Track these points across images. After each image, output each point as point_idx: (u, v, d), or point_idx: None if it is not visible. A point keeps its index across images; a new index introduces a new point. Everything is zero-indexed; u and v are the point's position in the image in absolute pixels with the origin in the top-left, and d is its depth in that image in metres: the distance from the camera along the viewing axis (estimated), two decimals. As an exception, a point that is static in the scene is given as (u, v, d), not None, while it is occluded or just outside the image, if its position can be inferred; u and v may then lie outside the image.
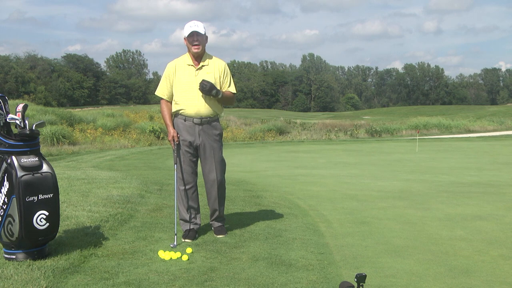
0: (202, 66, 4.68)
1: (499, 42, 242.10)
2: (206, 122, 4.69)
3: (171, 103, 4.77)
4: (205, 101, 4.65)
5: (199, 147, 4.73)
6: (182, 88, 4.65)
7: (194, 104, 4.64)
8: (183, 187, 4.76)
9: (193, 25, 4.60)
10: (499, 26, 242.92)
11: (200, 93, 4.62)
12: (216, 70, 4.70)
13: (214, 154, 4.75)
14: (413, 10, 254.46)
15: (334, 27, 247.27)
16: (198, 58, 4.68)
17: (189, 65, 4.68)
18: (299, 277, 3.68)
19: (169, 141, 4.76)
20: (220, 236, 4.79)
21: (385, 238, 4.95)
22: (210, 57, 4.76)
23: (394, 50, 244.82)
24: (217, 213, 4.88)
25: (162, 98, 4.79)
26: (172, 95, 4.74)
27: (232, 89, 4.80)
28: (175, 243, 4.43)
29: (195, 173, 4.82)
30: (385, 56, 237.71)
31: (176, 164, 4.73)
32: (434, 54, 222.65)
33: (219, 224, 4.92)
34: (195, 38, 4.58)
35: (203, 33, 4.59)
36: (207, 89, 4.54)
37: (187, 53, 4.73)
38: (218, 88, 4.68)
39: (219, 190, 4.83)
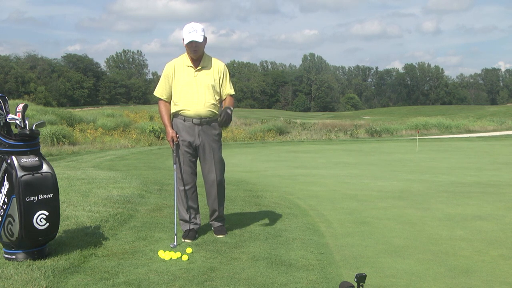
0: (202, 67, 4.67)
1: (498, 42, 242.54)
2: (206, 122, 4.70)
3: (169, 104, 4.77)
4: (205, 102, 4.65)
5: (198, 147, 4.73)
6: (182, 89, 4.64)
7: (194, 105, 4.63)
8: (183, 187, 4.76)
9: (192, 30, 4.54)
10: (498, 26, 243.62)
11: (200, 94, 4.63)
12: (215, 72, 4.70)
13: (213, 154, 4.75)
14: (412, 10, 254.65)
15: (333, 27, 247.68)
16: (197, 60, 4.68)
17: (188, 66, 4.68)
18: (299, 277, 3.69)
19: (168, 141, 4.76)
20: (220, 236, 4.79)
21: (385, 238, 4.95)
22: (209, 58, 4.75)
23: (393, 50, 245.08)
24: (216, 213, 4.89)
25: (160, 99, 4.78)
26: (170, 96, 4.74)
27: (231, 91, 4.82)
28: (175, 243, 4.43)
29: (194, 173, 4.83)
30: (385, 56, 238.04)
31: (175, 164, 4.73)
32: (434, 54, 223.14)
33: (219, 224, 4.92)
34: (194, 45, 4.56)
35: (201, 41, 4.55)
36: (224, 122, 4.60)
37: (186, 54, 4.72)
38: (218, 89, 4.72)
39: (218, 190, 4.83)
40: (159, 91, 4.77)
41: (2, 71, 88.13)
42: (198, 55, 4.63)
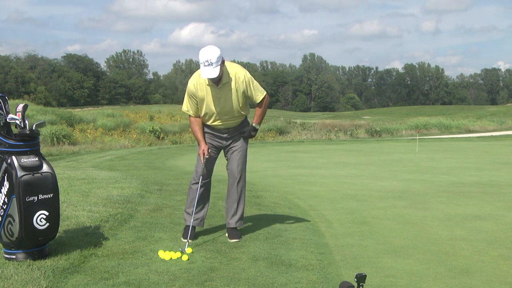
0: (223, 84, 4.48)
1: (498, 42, 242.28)
2: (234, 128, 4.75)
3: (199, 117, 4.69)
4: (232, 116, 4.64)
5: (225, 146, 4.79)
6: (208, 108, 4.57)
7: (221, 121, 4.65)
8: (202, 182, 4.71)
9: (207, 63, 4.25)
10: (497, 26, 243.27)
11: (226, 110, 4.57)
12: (239, 85, 4.51)
13: (241, 148, 4.78)
14: (412, 10, 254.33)
15: (332, 27, 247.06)
16: (218, 80, 4.47)
17: (208, 85, 4.50)
18: (299, 277, 3.69)
19: (198, 154, 4.70)
20: (234, 240, 4.67)
21: (385, 238, 4.95)
22: (229, 71, 4.48)
23: (392, 50, 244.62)
24: (241, 208, 4.82)
25: (189, 115, 4.71)
26: (197, 110, 4.65)
27: (260, 96, 4.67)
28: (185, 248, 4.27)
29: (212, 170, 4.84)
30: (384, 56, 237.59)
31: (202, 176, 4.68)
32: (433, 54, 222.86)
33: (237, 225, 4.81)
34: (210, 79, 4.41)
35: (217, 75, 4.29)
36: (249, 136, 4.73)
37: None
38: (243, 100, 4.60)
39: (243, 184, 4.83)
40: (186, 107, 4.69)
41: (2, 71, 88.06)
42: (217, 80, 4.46)
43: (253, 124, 4.79)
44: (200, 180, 4.70)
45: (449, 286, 3.64)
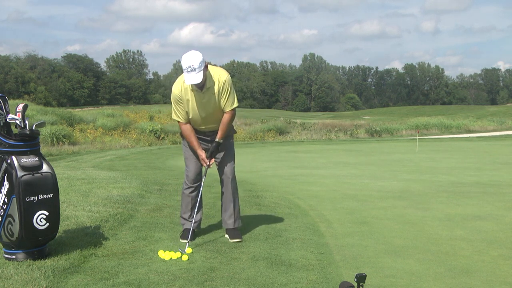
0: (207, 88, 4.47)
1: (498, 42, 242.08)
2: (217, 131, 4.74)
3: (189, 123, 4.68)
4: (217, 120, 4.64)
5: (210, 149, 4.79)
6: (192, 112, 4.57)
7: (206, 124, 4.65)
8: (192, 186, 4.77)
9: (190, 69, 4.23)
10: (496, 26, 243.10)
11: (210, 114, 4.58)
12: (220, 88, 4.50)
13: (228, 151, 4.78)
14: (411, 10, 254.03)
15: (332, 27, 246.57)
16: (202, 85, 4.47)
17: (192, 90, 4.49)
18: (299, 277, 3.69)
19: (201, 163, 4.73)
20: (235, 240, 4.67)
21: (385, 238, 4.96)
22: (212, 75, 4.47)
23: (392, 50, 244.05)
24: (237, 208, 4.84)
25: (179, 122, 4.69)
26: (187, 116, 4.64)
27: (228, 107, 4.59)
28: (185, 249, 4.30)
29: (201, 173, 4.85)
30: (384, 56, 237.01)
31: (204, 176, 4.74)
32: (433, 54, 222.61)
33: (235, 225, 4.82)
34: (194, 85, 4.40)
35: (200, 81, 4.27)
36: (214, 153, 4.66)
37: None
38: (218, 105, 4.56)
39: (235, 185, 4.84)
40: (176, 115, 4.68)
41: (2, 71, 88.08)
42: (201, 85, 4.45)
43: (216, 140, 4.65)
44: (193, 184, 4.77)
45: (449, 286, 3.64)
